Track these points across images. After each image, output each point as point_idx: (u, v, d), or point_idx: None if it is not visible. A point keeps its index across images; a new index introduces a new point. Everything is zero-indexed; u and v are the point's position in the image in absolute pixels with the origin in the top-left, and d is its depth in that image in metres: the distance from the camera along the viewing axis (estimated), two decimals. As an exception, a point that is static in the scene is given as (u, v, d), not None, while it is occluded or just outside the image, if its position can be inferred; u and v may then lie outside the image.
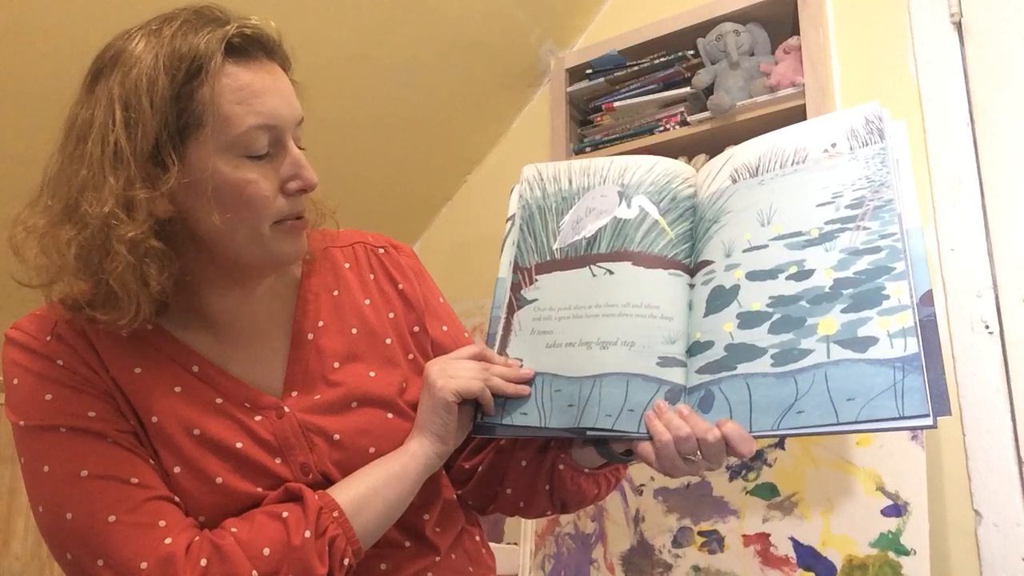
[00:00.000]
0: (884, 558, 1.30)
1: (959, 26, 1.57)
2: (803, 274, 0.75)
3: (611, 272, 0.83)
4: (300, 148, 0.78)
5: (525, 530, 1.70)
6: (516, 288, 0.88)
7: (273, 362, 0.82)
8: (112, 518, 0.69)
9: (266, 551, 0.70)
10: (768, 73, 1.72)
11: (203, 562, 0.68)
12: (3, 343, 0.77)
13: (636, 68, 1.90)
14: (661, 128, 1.84)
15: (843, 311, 0.72)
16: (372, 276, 0.91)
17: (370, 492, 0.77)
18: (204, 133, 0.71)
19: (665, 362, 0.78)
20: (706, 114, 1.77)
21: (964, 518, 1.39)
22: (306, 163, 0.77)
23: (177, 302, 0.79)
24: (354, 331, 0.86)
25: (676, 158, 2.05)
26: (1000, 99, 1.51)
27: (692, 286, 0.82)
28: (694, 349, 0.79)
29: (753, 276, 0.78)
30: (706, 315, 0.79)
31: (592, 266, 0.85)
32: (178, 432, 0.75)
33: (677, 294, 0.81)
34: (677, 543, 1.51)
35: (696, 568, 1.48)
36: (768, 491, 1.45)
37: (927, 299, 0.70)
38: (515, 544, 1.71)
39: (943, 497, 1.40)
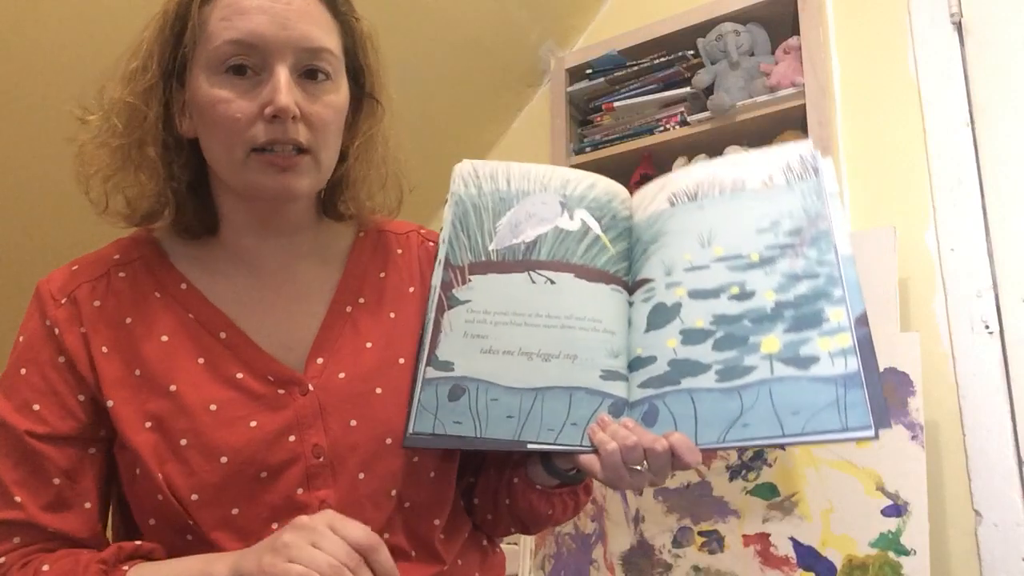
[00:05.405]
0: (884, 558, 1.30)
1: (959, 26, 1.57)
2: (745, 295, 0.78)
3: (552, 282, 0.83)
4: (322, 79, 0.77)
5: (525, 530, 1.70)
6: (447, 287, 0.85)
7: (307, 327, 0.81)
8: None
9: None
10: (768, 73, 1.72)
11: None
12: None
13: (636, 68, 1.90)
14: (661, 128, 1.84)
15: (785, 331, 0.75)
16: (419, 266, 0.91)
17: None
18: (197, 51, 0.74)
19: (608, 375, 0.79)
20: (706, 114, 1.77)
21: (964, 518, 1.39)
22: (286, 88, 0.73)
23: (222, 240, 0.83)
24: (392, 315, 0.85)
25: (676, 158, 2.03)
26: (1000, 99, 1.51)
27: (631, 304, 0.83)
28: (635, 364, 0.80)
29: (695, 295, 0.80)
30: (647, 331, 0.80)
31: (532, 272, 0.84)
32: (194, 404, 0.74)
33: (618, 309, 0.82)
34: (677, 543, 1.51)
35: (696, 568, 1.48)
36: (768, 491, 1.45)
37: (862, 320, 0.74)
38: (515, 544, 1.71)
39: (943, 497, 1.40)
